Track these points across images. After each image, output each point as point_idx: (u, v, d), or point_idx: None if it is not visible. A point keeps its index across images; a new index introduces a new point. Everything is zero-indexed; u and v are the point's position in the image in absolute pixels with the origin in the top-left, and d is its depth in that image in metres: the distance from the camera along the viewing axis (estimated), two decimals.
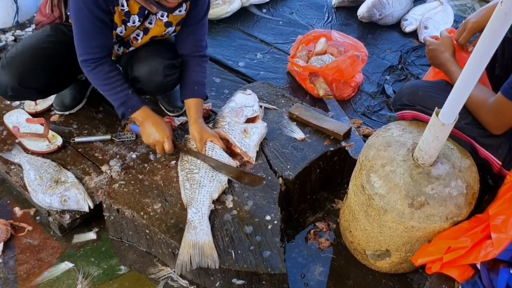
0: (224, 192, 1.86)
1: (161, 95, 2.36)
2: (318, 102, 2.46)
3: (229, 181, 1.90)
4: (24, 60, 1.96)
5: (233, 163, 1.94)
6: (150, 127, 1.93)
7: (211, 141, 1.95)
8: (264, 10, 3.26)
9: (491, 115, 1.60)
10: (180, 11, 1.90)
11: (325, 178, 2.11)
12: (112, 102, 1.94)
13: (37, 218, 2.04)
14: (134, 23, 1.89)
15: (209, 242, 1.69)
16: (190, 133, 2.01)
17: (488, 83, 1.81)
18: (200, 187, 1.83)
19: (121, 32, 1.91)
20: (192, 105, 2.03)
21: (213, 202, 1.82)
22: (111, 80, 1.90)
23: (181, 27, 2.01)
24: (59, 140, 2.14)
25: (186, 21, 1.98)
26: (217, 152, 1.93)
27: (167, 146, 1.92)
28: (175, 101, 2.34)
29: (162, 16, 1.93)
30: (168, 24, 1.96)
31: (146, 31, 1.98)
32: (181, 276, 1.83)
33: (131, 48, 2.06)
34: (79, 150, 2.15)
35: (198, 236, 1.69)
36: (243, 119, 2.07)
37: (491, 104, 1.58)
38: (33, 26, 2.84)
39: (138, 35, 2.00)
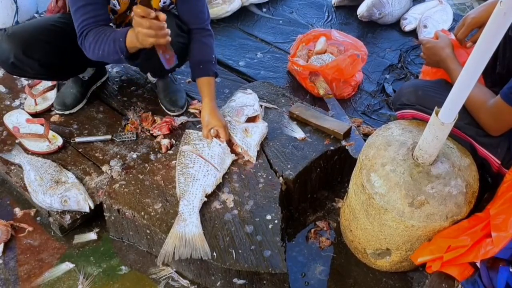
0: (224, 192, 1.87)
1: (161, 83, 2.34)
2: (318, 101, 2.46)
3: (224, 177, 1.92)
4: (29, 30, 2.01)
5: (231, 156, 1.96)
6: (136, 29, 1.66)
7: (216, 130, 1.97)
8: (264, 10, 3.26)
9: (490, 117, 1.61)
10: None
11: (325, 177, 2.11)
12: (111, 51, 1.79)
13: (38, 218, 2.04)
14: None
15: (199, 235, 1.71)
16: (201, 118, 2.02)
17: (483, 81, 1.81)
18: (193, 181, 1.85)
19: (114, 6, 1.93)
20: (201, 85, 2.04)
21: (207, 196, 1.84)
22: (100, 34, 1.80)
23: None
24: (59, 141, 2.14)
25: None
26: (214, 148, 1.95)
27: (139, 10, 1.60)
28: (175, 101, 2.34)
29: None
30: None
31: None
32: (182, 275, 1.84)
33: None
34: (80, 150, 2.15)
35: (187, 228, 1.71)
36: (243, 118, 2.07)
37: (490, 107, 1.59)
38: None
39: None
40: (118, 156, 2.12)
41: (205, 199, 1.82)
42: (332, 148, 2.03)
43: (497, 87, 1.60)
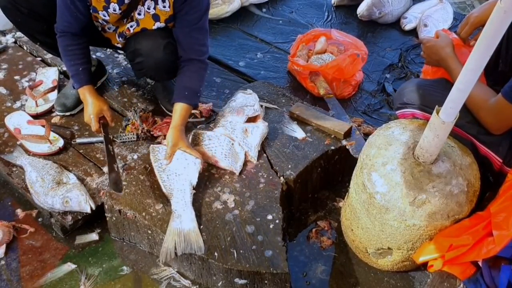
0: (225, 192, 1.87)
1: (161, 85, 2.34)
2: (318, 101, 2.46)
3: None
4: None
5: (198, 163, 1.89)
6: (86, 106, 2.07)
7: (184, 150, 1.91)
8: (264, 10, 3.26)
9: (491, 116, 1.60)
10: (164, 6, 1.94)
11: (326, 177, 2.11)
12: (68, 71, 2.12)
13: (39, 219, 2.04)
14: (115, 10, 1.94)
15: (194, 229, 1.72)
16: (166, 138, 1.96)
17: (484, 79, 1.81)
18: (177, 176, 1.85)
19: (104, 16, 1.97)
20: (177, 109, 1.99)
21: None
22: (69, 52, 2.05)
23: (178, 28, 2.02)
24: (60, 142, 2.14)
25: (182, 22, 1.99)
26: (180, 160, 1.90)
27: (93, 126, 2.06)
28: None
29: (149, 8, 1.96)
30: (155, 17, 1.98)
31: (138, 22, 2.02)
32: (183, 276, 1.84)
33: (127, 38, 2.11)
34: (81, 151, 2.15)
35: (183, 224, 1.73)
36: (244, 118, 2.07)
37: (491, 105, 1.58)
38: None
39: (131, 26, 2.03)
40: (119, 157, 2.11)
41: (194, 191, 1.84)
42: (332, 147, 2.03)
43: (499, 85, 1.59)
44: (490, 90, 1.65)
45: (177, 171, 1.87)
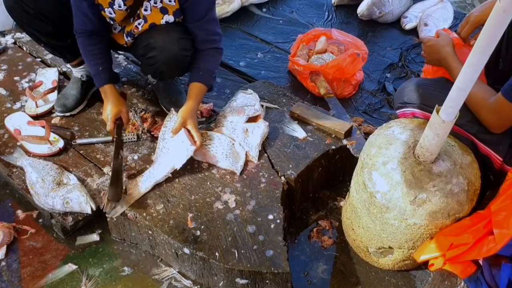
0: (226, 192, 1.87)
1: (162, 85, 2.34)
2: (319, 101, 2.46)
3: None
4: None
5: (190, 150, 1.92)
6: (105, 104, 2.10)
7: (190, 129, 1.98)
8: (264, 10, 3.26)
9: (491, 115, 1.60)
10: (170, 0, 1.95)
11: (327, 177, 2.11)
12: (90, 71, 2.16)
13: (40, 220, 2.05)
14: (120, 6, 1.94)
15: (131, 198, 1.86)
16: (178, 114, 2.03)
17: (484, 78, 1.81)
18: (166, 153, 1.95)
19: (110, 14, 1.97)
20: (192, 88, 2.05)
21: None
22: (88, 53, 2.08)
23: (188, 23, 2.03)
24: (60, 143, 2.14)
25: (191, 17, 2.01)
26: (177, 139, 1.97)
27: (108, 125, 2.07)
28: (176, 101, 2.33)
29: (155, 2, 1.96)
30: (163, 10, 1.98)
31: (145, 19, 2.01)
32: (184, 276, 1.84)
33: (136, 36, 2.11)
34: (81, 152, 2.15)
35: (135, 189, 1.88)
36: (244, 118, 2.07)
37: (491, 104, 1.58)
38: None
39: (139, 23, 2.02)
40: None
41: (170, 175, 1.91)
42: (333, 147, 2.03)
43: (499, 84, 1.59)
44: (490, 89, 1.65)
45: (170, 149, 1.94)
